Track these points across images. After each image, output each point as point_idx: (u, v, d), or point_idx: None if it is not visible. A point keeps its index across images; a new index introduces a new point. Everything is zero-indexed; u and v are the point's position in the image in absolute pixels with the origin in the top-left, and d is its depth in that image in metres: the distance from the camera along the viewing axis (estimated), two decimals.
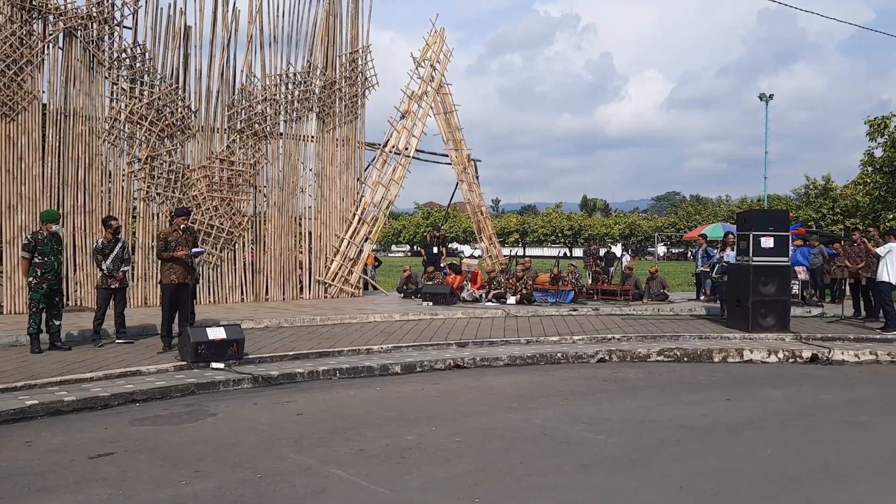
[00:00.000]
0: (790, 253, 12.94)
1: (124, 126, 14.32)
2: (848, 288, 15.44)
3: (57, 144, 13.61)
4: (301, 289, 16.71)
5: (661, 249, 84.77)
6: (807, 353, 10.45)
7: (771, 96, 41.49)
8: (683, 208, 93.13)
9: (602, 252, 22.13)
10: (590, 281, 18.78)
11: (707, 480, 5.06)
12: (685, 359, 10.36)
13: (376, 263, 21.63)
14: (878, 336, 11.80)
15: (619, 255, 33.07)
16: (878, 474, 5.36)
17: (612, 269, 20.14)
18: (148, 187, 14.55)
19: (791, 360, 10.39)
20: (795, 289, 15.44)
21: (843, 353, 10.45)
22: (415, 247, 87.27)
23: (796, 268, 15.81)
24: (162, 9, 14.61)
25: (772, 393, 8.24)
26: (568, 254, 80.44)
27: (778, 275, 12.15)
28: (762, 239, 12.08)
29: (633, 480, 5.06)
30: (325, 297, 16.86)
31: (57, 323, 9.71)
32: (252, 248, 16.01)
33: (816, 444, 6.09)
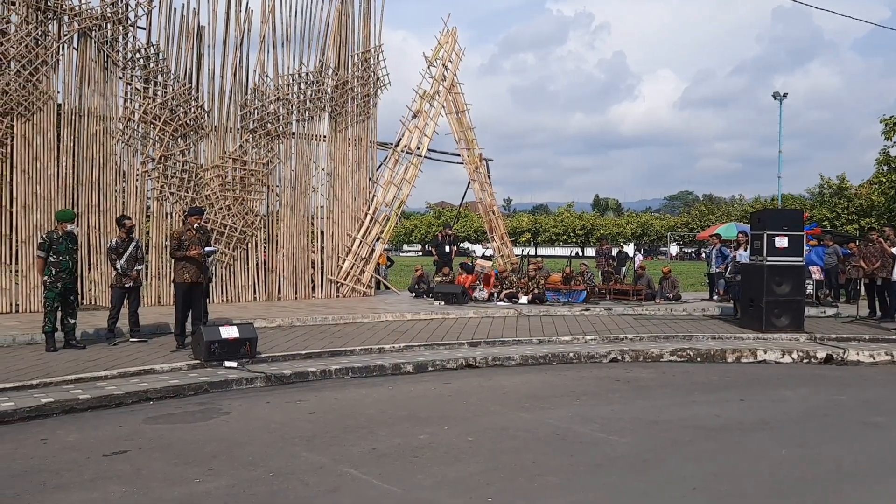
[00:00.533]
0: (805, 253, 12.85)
1: (138, 126, 14.41)
2: (863, 288, 15.33)
3: (72, 144, 13.70)
4: (313, 288, 16.75)
5: (673, 249, 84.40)
6: (821, 354, 10.38)
7: (785, 95, 41.21)
8: (696, 208, 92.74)
9: (614, 252, 22.05)
10: (601, 280, 18.72)
11: (720, 481, 5.03)
12: (698, 359, 10.32)
13: (389, 263, 21.65)
14: (893, 336, 11.69)
15: (631, 254, 32.95)
16: (894, 476, 5.31)
17: (624, 268, 20.08)
18: (161, 187, 14.63)
19: (805, 361, 10.32)
20: (810, 289, 15.33)
21: (858, 354, 10.37)
22: (426, 246, 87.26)
23: (811, 268, 15.71)
24: (175, 9, 14.70)
25: (786, 393, 8.19)
26: (580, 253, 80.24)
27: (792, 275, 12.07)
28: (776, 238, 12.00)
29: (646, 481, 5.05)
30: (337, 296, 16.89)
31: (72, 321, 9.78)
32: (265, 248, 16.06)
33: (831, 445, 6.05)
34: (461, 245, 67.96)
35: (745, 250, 13.84)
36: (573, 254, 59.55)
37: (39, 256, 9.70)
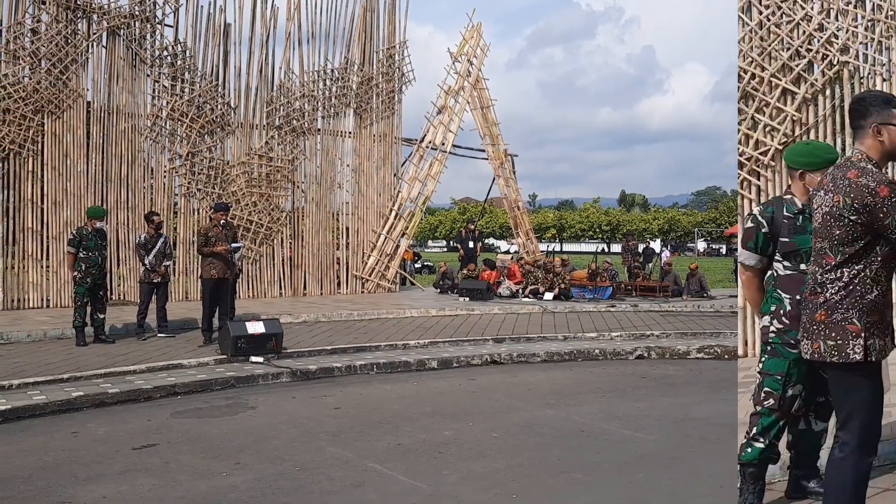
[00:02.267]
0: None
1: (166, 123, 14.56)
2: None
3: (101, 141, 13.87)
4: (338, 284, 16.82)
5: (701, 245, 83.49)
6: None
7: None
8: (724, 203, 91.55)
9: (640, 248, 21.89)
10: (627, 277, 18.58)
11: None
12: (726, 356, 10.18)
13: (415, 258, 21.68)
14: None
15: (657, 250, 32.70)
16: None
17: (650, 264, 19.93)
18: (188, 183, 14.77)
19: None
20: None
21: None
22: (451, 242, 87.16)
23: None
24: (202, 7, 14.84)
25: None
26: (605, 249, 79.69)
27: None
28: None
29: (673, 479, 5.00)
30: (362, 292, 16.94)
31: (101, 316, 9.90)
32: (290, 244, 16.16)
33: None
34: (487, 241, 67.84)
35: None
36: (599, 249, 59.23)
37: (69, 252, 9.84)
